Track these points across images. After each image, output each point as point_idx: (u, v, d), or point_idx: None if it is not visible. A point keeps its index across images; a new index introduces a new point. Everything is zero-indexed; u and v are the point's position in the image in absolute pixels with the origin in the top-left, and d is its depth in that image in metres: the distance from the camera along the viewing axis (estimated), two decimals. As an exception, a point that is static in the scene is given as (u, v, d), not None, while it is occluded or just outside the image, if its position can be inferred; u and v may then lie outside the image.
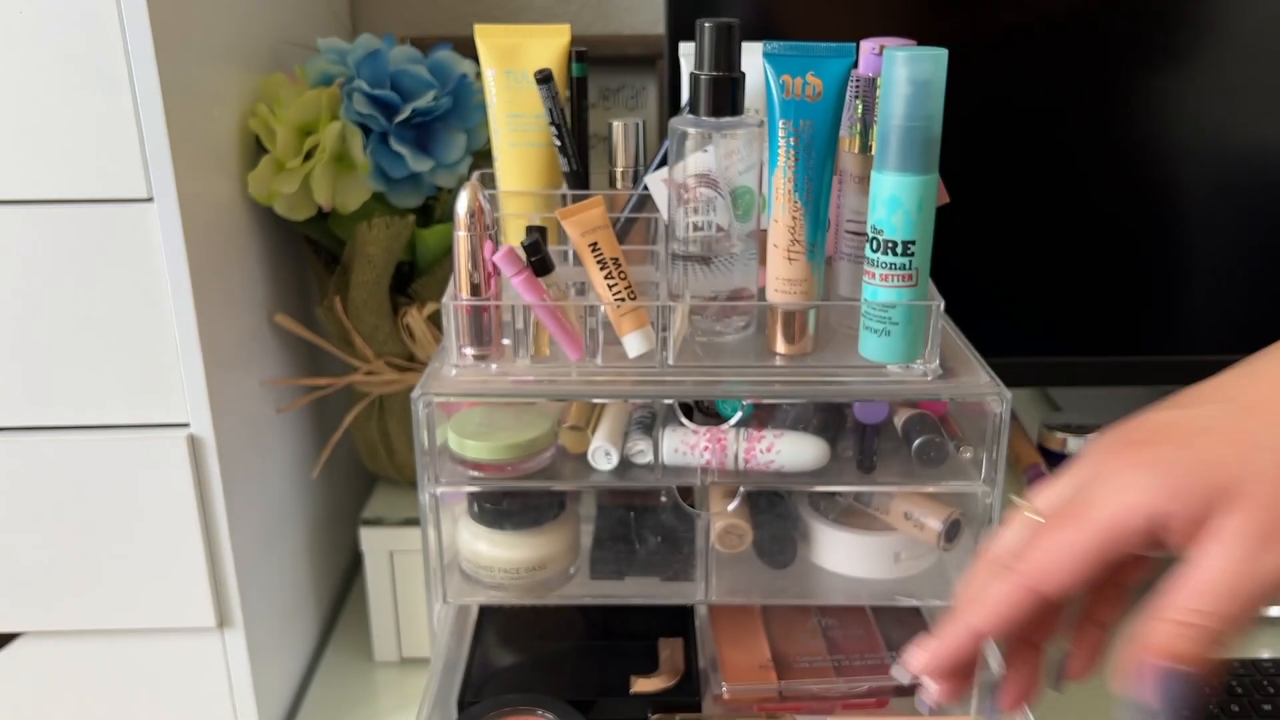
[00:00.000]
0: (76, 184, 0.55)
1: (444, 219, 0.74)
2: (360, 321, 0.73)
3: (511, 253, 0.58)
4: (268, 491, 0.70)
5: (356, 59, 0.69)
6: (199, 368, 0.59)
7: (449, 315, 0.60)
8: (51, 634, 0.65)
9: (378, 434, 0.80)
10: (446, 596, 0.64)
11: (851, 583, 0.63)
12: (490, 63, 0.66)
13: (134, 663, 0.66)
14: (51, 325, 0.58)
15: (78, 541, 0.62)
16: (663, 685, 0.63)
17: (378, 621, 0.79)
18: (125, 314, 0.58)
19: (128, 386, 0.59)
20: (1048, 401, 0.96)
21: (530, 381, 0.59)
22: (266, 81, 0.68)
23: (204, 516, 0.62)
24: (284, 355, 0.74)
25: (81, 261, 0.56)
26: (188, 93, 0.57)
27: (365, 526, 0.77)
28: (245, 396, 0.66)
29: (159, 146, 0.54)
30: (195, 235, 0.57)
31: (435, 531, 0.61)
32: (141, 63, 0.53)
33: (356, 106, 0.68)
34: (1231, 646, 0.33)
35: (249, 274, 0.68)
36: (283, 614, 0.73)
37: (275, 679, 0.72)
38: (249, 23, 0.69)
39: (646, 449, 0.61)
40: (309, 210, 0.68)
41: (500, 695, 0.62)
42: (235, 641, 0.65)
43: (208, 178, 0.61)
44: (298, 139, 0.66)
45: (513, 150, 0.67)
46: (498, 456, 0.60)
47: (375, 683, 0.79)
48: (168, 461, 0.60)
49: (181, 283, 0.57)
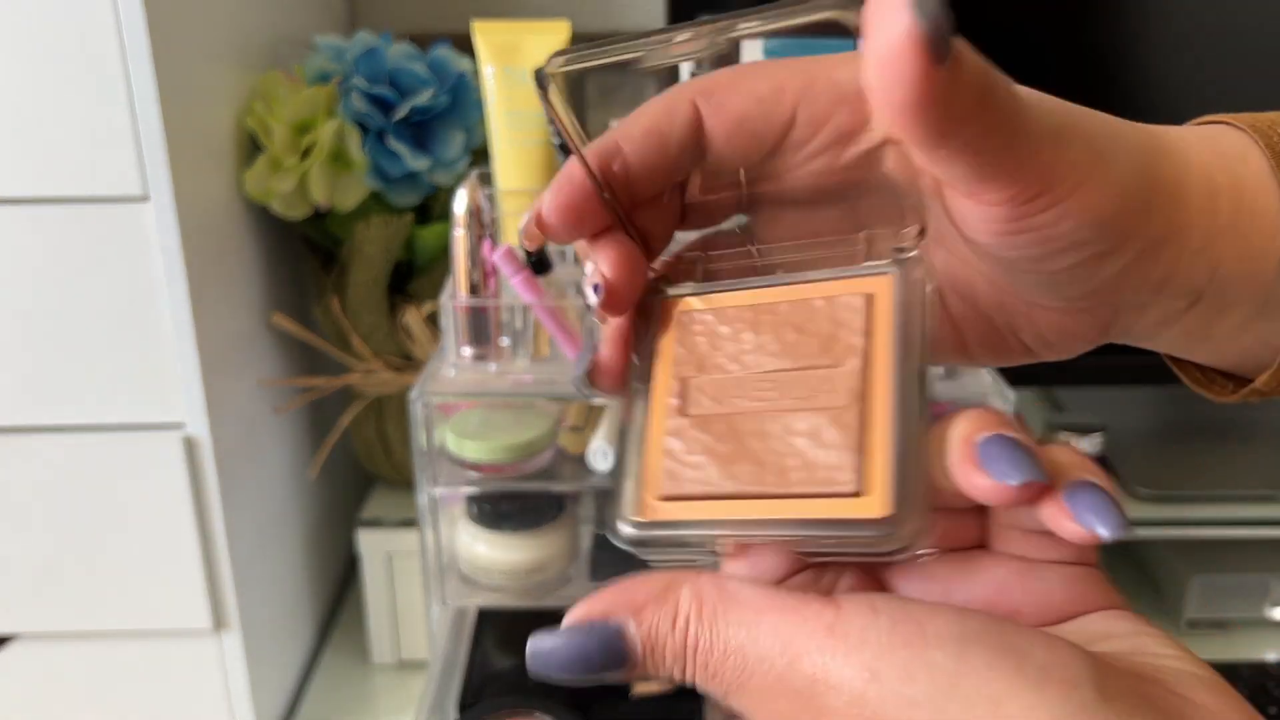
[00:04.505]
0: (71, 182, 0.54)
1: (442, 217, 0.74)
2: (358, 321, 0.73)
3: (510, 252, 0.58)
4: (264, 492, 0.70)
5: (354, 56, 0.69)
6: (195, 367, 0.58)
7: (447, 315, 0.59)
8: (45, 636, 0.64)
9: (375, 434, 0.79)
10: (445, 598, 0.63)
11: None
12: (489, 60, 0.66)
13: (129, 666, 0.65)
14: (45, 324, 0.57)
15: (72, 543, 0.61)
16: (663, 688, 0.62)
17: (375, 624, 0.79)
18: (120, 313, 0.57)
19: (123, 386, 0.59)
20: (1051, 402, 0.96)
21: (529, 382, 0.59)
22: (263, 79, 0.67)
23: (200, 518, 0.61)
24: (281, 355, 0.74)
25: (76, 260, 0.56)
26: (184, 90, 0.57)
27: (363, 528, 0.76)
28: (242, 397, 0.66)
29: (155, 145, 0.54)
30: (191, 234, 0.57)
31: (433, 533, 0.61)
32: (137, 60, 0.52)
33: (354, 104, 0.67)
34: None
35: (246, 273, 0.67)
36: (279, 616, 0.73)
37: (272, 681, 0.71)
38: (245, 20, 0.68)
39: (647, 450, 0.61)
40: (306, 209, 0.67)
41: (499, 698, 0.61)
42: (232, 644, 0.65)
43: (204, 176, 0.60)
44: (295, 137, 0.65)
45: (511, 148, 0.67)
46: (496, 457, 0.60)
47: (373, 685, 0.79)
48: (163, 462, 0.60)
49: (177, 282, 0.56)
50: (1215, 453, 0.87)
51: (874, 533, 0.21)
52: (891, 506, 0.21)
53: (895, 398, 0.22)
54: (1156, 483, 0.80)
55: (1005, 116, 0.21)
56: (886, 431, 0.22)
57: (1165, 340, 0.29)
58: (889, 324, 0.23)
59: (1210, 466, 0.84)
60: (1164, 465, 0.83)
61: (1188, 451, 0.87)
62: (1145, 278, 0.25)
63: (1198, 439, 0.90)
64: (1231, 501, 0.77)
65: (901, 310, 0.23)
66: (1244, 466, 0.84)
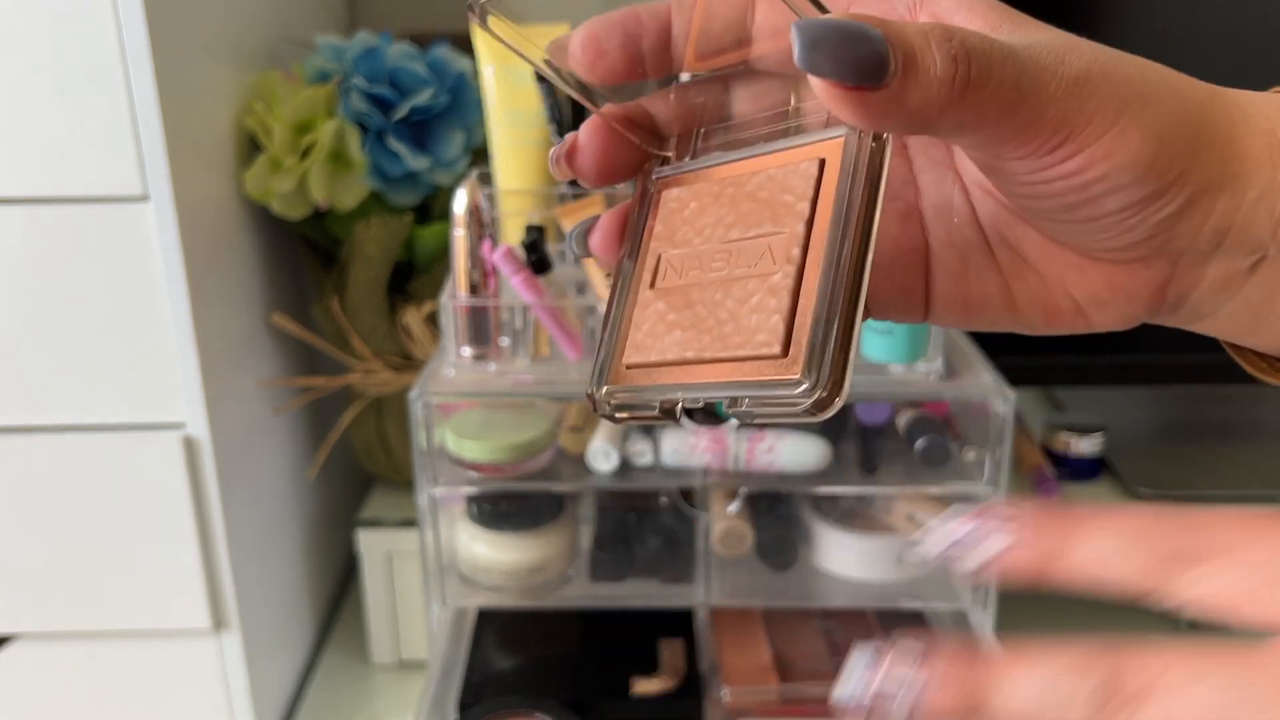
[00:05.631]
0: (72, 182, 0.54)
1: (442, 217, 0.74)
2: (358, 321, 0.73)
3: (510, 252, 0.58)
4: (264, 492, 0.70)
5: (354, 56, 0.69)
6: (195, 368, 0.58)
7: (447, 315, 0.59)
8: (45, 636, 0.64)
9: (375, 434, 0.79)
10: (445, 599, 0.63)
11: (853, 585, 0.63)
12: (488, 60, 0.66)
13: (129, 666, 0.65)
14: (46, 324, 0.57)
15: (72, 543, 0.61)
16: (664, 687, 0.62)
17: (375, 624, 0.79)
18: (120, 313, 0.57)
19: (122, 386, 0.58)
20: (1052, 402, 0.96)
21: (529, 382, 0.58)
22: (263, 79, 0.67)
23: (200, 518, 0.61)
24: (281, 355, 0.74)
25: (76, 260, 0.56)
26: (184, 90, 0.57)
27: (362, 528, 0.76)
28: (241, 397, 0.66)
29: (155, 144, 0.54)
30: (191, 234, 0.57)
31: (433, 533, 0.61)
32: (137, 60, 0.52)
33: (354, 104, 0.67)
34: None
35: (245, 273, 0.67)
36: (279, 616, 0.73)
37: (272, 682, 0.71)
38: (245, 20, 0.68)
39: (646, 450, 0.61)
40: (306, 209, 0.67)
41: (498, 698, 0.61)
42: (231, 644, 0.65)
43: (204, 176, 0.60)
44: (294, 137, 0.65)
45: (511, 148, 0.67)
46: (496, 457, 0.60)
47: (372, 685, 0.78)
48: (163, 462, 0.60)
49: (177, 282, 0.56)
50: (1215, 453, 0.87)
51: (785, 393, 0.22)
52: (802, 368, 0.21)
53: (825, 261, 0.22)
54: (1157, 482, 0.80)
55: (999, 87, 0.21)
56: (813, 296, 0.22)
57: (1227, 317, 0.28)
58: (834, 189, 0.24)
59: (1210, 466, 0.84)
60: (1164, 465, 0.83)
61: (1188, 451, 0.87)
62: (1200, 226, 0.25)
63: (1198, 439, 0.90)
64: (1232, 501, 0.77)
65: (845, 175, 0.23)
66: (1244, 466, 0.84)
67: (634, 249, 0.27)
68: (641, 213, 0.28)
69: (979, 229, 0.28)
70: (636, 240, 0.27)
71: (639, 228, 0.27)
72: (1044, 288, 0.28)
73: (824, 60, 0.20)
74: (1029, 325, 0.28)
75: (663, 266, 0.26)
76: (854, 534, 0.62)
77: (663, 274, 0.26)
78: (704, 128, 0.28)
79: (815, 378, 0.21)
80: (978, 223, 0.28)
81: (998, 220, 0.27)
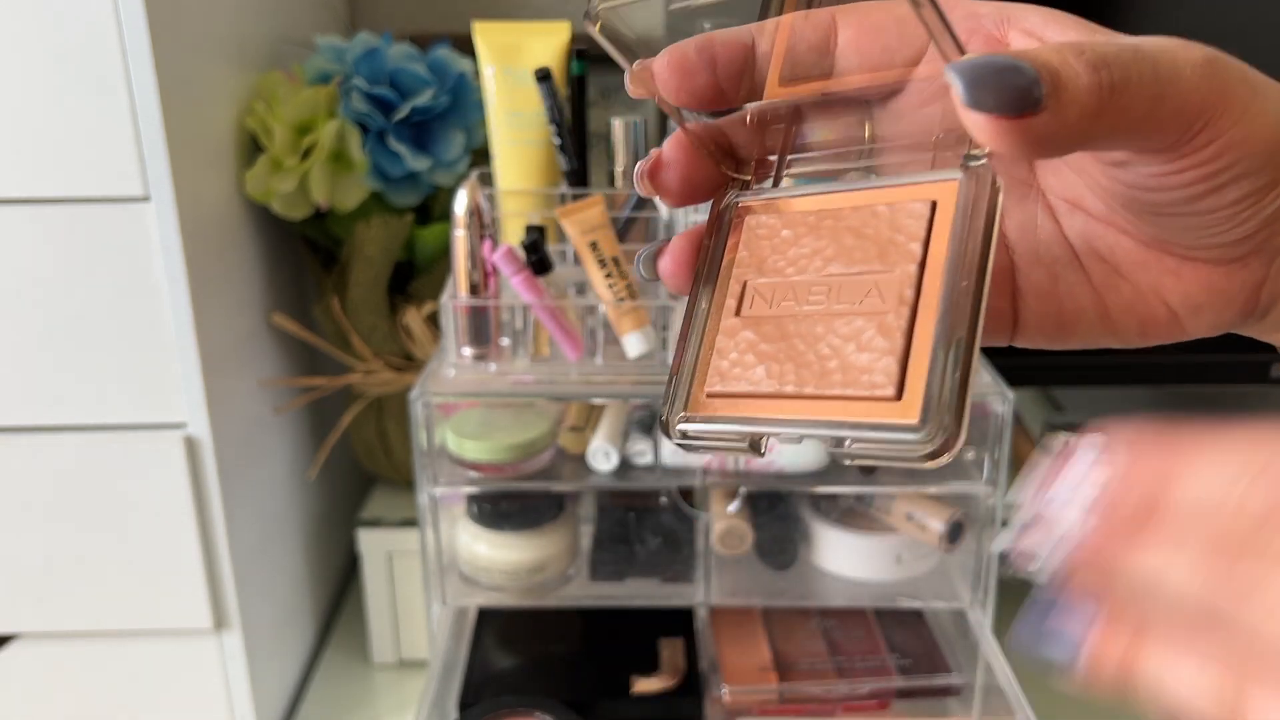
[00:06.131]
0: (73, 183, 0.54)
1: (442, 218, 0.74)
2: (358, 321, 0.73)
3: (510, 252, 0.58)
4: (265, 492, 0.70)
5: (354, 57, 0.69)
6: (196, 367, 0.58)
7: (447, 315, 0.59)
8: (45, 636, 0.64)
9: (375, 434, 0.79)
10: (445, 598, 0.63)
11: (853, 584, 0.63)
12: (489, 60, 0.66)
13: (130, 665, 0.65)
14: (47, 324, 0.57)
15: (73, 542, 0.61)
16: (663, 686, 0.62)
17: (376, 623, 0.79)
18: (121, 313, 0.57)
19: (124, 386, 0.59)
20: (1050, 402, 0.96)
21: (530, 382, 0.59)
22: (264, 79, 0.67)
23: (201, 517, 0.61)
24: (281, 355, 0.74)
25: (78, 261, 0.56)
26: (185, 91, 0.57)
27: (363, 528, 0.77)
28: (242, 397, 0.66)
29: (156, 145, 0.54)
30: (192, 234, 0.57)
31: (434, 533, 0.61)
32: (138, 61, 0.52)
33: (354, 105, 0.67)
34: None
35: (246, 273, 0.67)
36: (280, 616, 0.73)
37: (272, 681, 0.71)
38: (246, 21, 0.68)
39: (646, 449, 0.61)
40: (306, 209, 0.67)
41: (499, 698, 0.61)
42: (232, 643, 0.65)
43: (205, 176, 0.60)
44: (295, 137, 0.65)
45: (512, 149, 0.67)
46: (497, 457, 0.60)
47: (373, 685, 0.79)
48: (164, 462, 0.60)
49: (178, 282, 0.57)
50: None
51: (900, 436, 0.21)
52: (920, 412, 0.21)
53: (943, 304, 0.22)
54: (1156, 482, 0.79)
55: (1140, 83, 0.21)
56: (929, 338, 0.22)
57: None
58: (949, 231, 0.23)
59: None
60: (1163, 465, 0.83)
61: (1187, 451, 0.87)
62: None
63: (1197, 439, 0.90)
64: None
65: (962, 217, 0.23)
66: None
67: (712, 273, 0.26)
68: (719, 237, 0.27)
69: (1067, 245, 0.28)
70: (715, 265, 0.27)
71: (716, 252, 0.27)
72: (1138, 297, 0.27)
73: (988, 96, 0.21)
74: (1123, 338, 0.28)
75: (749, 294, 0.25)
76: (853, 533, 0.62)
77: (749, 302, 0.25)
78: (785, 154, 0.28)
79: (935, 424, 0.21)
80: (1065, 239, 0.28)
81: (1088, 233, 0.27)
